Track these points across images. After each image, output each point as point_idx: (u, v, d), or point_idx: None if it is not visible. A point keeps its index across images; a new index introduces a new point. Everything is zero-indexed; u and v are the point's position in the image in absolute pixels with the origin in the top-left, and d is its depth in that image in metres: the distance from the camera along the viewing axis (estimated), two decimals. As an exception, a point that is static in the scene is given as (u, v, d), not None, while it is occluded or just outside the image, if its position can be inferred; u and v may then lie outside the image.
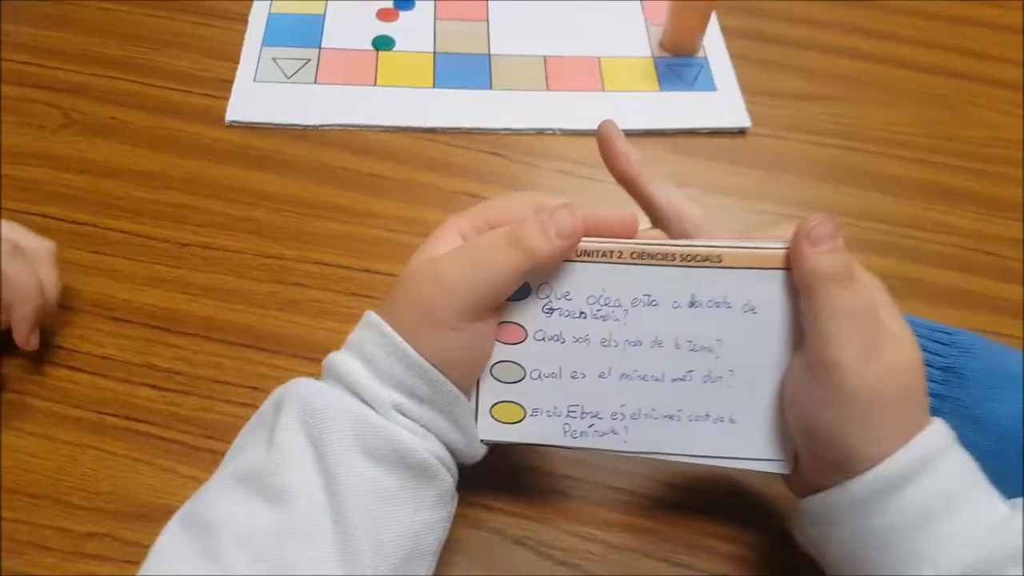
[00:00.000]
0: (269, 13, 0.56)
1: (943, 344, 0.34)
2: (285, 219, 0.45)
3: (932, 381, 0.32)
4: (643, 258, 0.29)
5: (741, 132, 0.51)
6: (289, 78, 0.52)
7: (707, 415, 0.30)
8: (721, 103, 0.53)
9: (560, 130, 0.51)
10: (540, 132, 0.51)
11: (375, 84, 0.53)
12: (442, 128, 0.51)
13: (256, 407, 0.29)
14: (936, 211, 0.48)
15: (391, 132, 0.50)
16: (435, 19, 0.57)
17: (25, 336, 0.36)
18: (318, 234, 0.45)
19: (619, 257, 0.29)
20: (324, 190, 0.47)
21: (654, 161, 0.49)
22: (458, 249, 0.29)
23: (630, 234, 0.30)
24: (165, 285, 0.42)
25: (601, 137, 0.35)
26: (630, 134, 0.51)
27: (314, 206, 0.46)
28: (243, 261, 0.43)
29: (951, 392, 0.33)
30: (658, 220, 0.34)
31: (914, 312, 0.32)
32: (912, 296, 0.44)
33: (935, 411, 0.30)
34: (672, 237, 0.33)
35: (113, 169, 0.47)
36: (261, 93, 0.51)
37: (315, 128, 0.50)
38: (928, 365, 0.30)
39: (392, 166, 0.49)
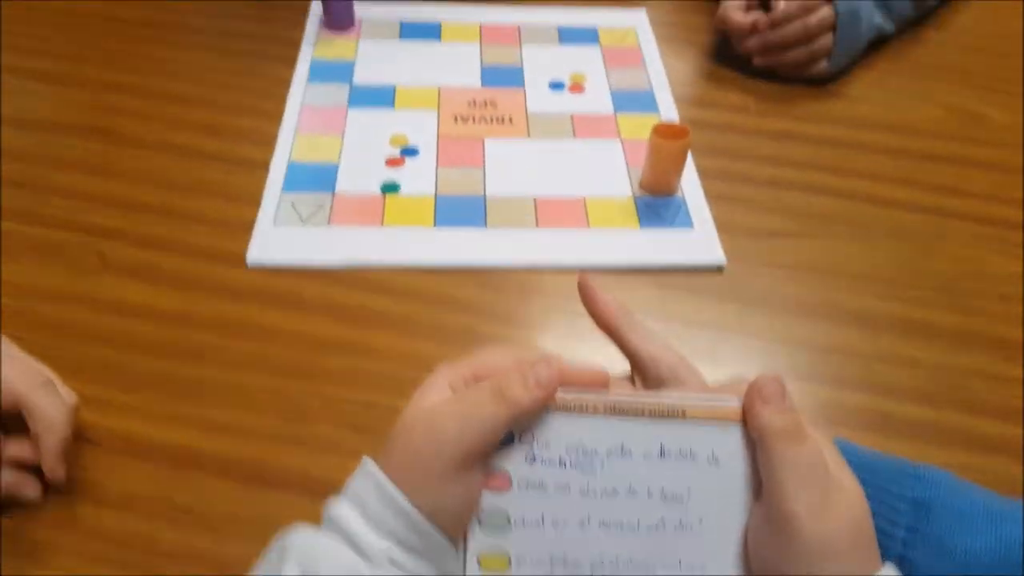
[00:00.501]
0: (289, 161, 0.63)
1: (913, 478, 0.36)
2: (297, 355, 0.50)
3: (903, 515, 0.34)
4: (615, 411, 0.32)
5: (719, 269, 0.56)
6: (305, 221, 0.58)
7: (679, 563, 0.33)
8: (698, 241, 0.57)
9: (549, 266, 0.56)
10: (530, 268, 0.56)
11: (382, 225, 0.58)
12: (441, 265, 0.56)
13: (266, 543, 0.32)
14: (909, 346, 0.51)
15: (395, 270, 0.55)
16: (437, 165, 0.63)
17: (52, 467, 0.40)
18: (326, 369, 0.49)
19: (593, 409, 0.32)
20: (333, 326, 0.51)
21: (636, 295, 0.54)
22: (448, 400, 0.32)
23: (603, 387, 0.33)
24: (185, 421, 0.46)
25: (581, 288, 0.39)
26: (613, 270, 0.56)
27: (323, 342, 0.50)
28: (257, 397, 0.47)
29: (921, 526, 0.35)
30: (635, 366, 0.38)
31: (889, 447, 0.35)
32: (886, 430, 0.46)
33: (907, 544, 0.32)
34: (648, 382, 0.37)
35: (144, 309, 0.52)
36: (279, 236, 0.57)
37: (329, 268, 0.55)
38: (899, 499, 0.32)
39: (395, 302, 0.53)
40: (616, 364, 0.36)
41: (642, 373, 0.37)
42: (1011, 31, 0.80)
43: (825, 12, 0.66)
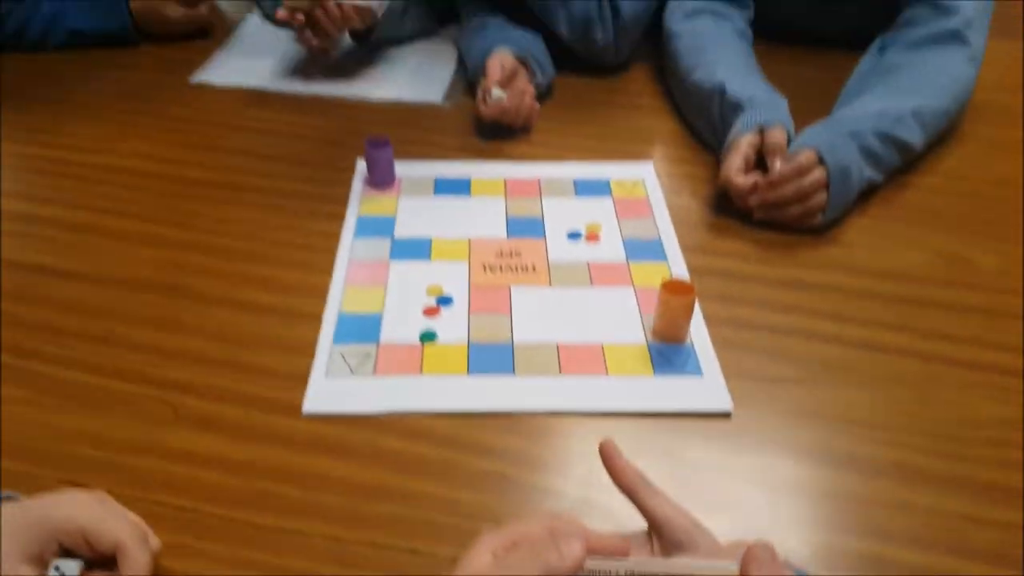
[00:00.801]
0: (339, 313, 0.70)
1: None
2: (347, 501, 0.55)
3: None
4: None
5: (727, 415, 0.61)
6: (353, 372, 0.65)
7: None
8: (707, 388, 0.63)
9: (572, 411, 0.62)
10: (555, 413, 0.62)
11: (421, 373, 0.65)
12: (474, 411, 0.62)
13: None
14: (904, 490, 0.55)
15: (433, 416, 0.61)
16: (469, 313, 0.70)
17: None
18: (372, 515, 0.54)
19: (616, 575, 0.37)
20: (379, 472, 0.57)
21: (650, 439, 0.59)
22: (489, 565, 0.38)
23: (624, 554, 0.38)
24: (249, 566, 0.51)
25: (602, 454, 0.44)
26: (629, 415, 0.61)
27: (370, 488, 0.56)
28: (311, 544, 0.52)
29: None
30: (652, 526, 0.43)
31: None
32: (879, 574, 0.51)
33: None
34: (664, 541, 0.42)
35: (211, 459, 0.58)
36: (331, 387, 0.63)
37: (374, 415, 0.61)
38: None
39: (433, 447, 0.59)
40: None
41: (658, 532, 0.43)
42: (996, 176, 0.87)
43: (818, 173, 0.74)
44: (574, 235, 0.79)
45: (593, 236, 0.79)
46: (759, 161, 0.78)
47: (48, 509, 0.46)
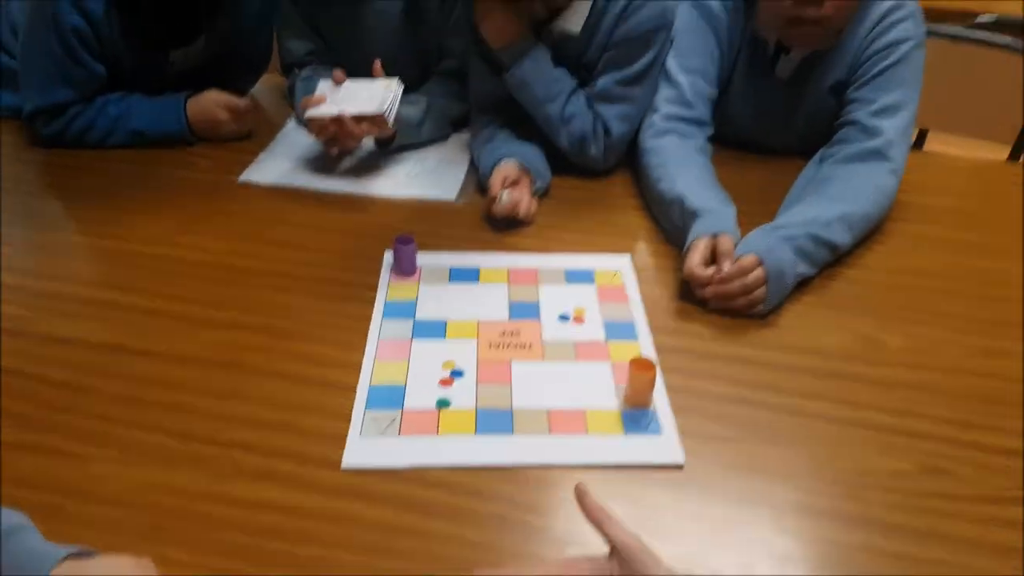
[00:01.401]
0: (370, 384, 0.86)
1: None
2: (376, 537, 0.70)
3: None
4: None
5: (679, 467, 0.77)
6: (383, 433, 0.80)
7: None
8: (664, 445, 0.79)
9: (559, 464, 0.77)
10: (546, 466, 0.77)
11: (437, 433, 0.81)
12: (480, 465, 0.77)
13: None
14: (813, 526, 0.71)
15: (447, 469, 0.77)
16: (477, 383, 0.86)
17: None
18: (397, 548, 0.68)
19: None
20: (401, 514, 0.72)
21: (619, 486, 0.74)
22: None
23: None
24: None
25: (577, 496, 0.60)
26: (604, 467, 0.77)
27: (394, 527, 0.71)
28: (347, 571, 0.67)
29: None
30: (612, 549, 0.58)
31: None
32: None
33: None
34: (621, 562, 0.58)
35: (266, 504, 0.72)
36: (365, 445, 0.79)
37: (399, 469, 0.77)
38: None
39: (447, 494, 0.74)
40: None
41: (617, 556, 0.58)
42: (912, 267, 1.04)
43: (758, 272, 0.91)
44: (564, 317, 0.96)
45: (579, 318, 0.96)
46: (713, 259, 0.96)
47: (97, 571, 0.58)
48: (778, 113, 1.22)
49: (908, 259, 1.06)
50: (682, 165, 1.10)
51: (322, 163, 1.26)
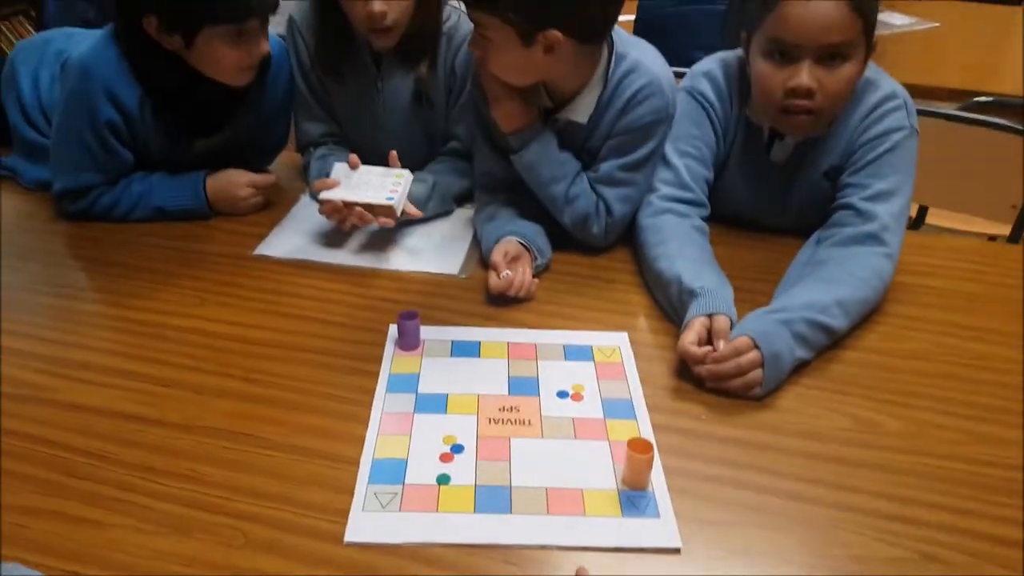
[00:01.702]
0: (373, 458, 0.88)
1: None
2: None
3: None
4: None
5: (676, 551, 0.78)
6: (384, 508, 0.82)
7: None
8: (662, 528, 0.80)
9: (557, 546, 0.78)
10: (544, 547, 0.78)
11: (437, 510, 0.82)
12: (479, 544, 0.79)
13: None
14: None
15: (447, 546, 0.78)
16: (477, 460, 0.88)
17: None
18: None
19: None
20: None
21: (617, 569, 0.75)
22: None
23: None
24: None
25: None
26: (603, 550, 0.78)
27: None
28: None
29: None
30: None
31: None
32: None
33: None
34: None
35: (273, 577, 0.75)
36: (367, 520, 0.80)
37: (399, 545, 0.78)
38: None
39: (446, 573, 0.75)
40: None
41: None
42: (908, 350, 1.06)
43: (753, 354, 0.94)
44: (562, 394, 0.98)
45: (577, 396, 0.98)
46: (710, 338, 0.98)
47: None
48: (774, 195, 1.26)
49: (904, 342, 1.08)
50: (680, 244, 1.13)
51: (332, 237, 1.30)
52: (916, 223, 1.89)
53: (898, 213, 1.13)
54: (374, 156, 1.30)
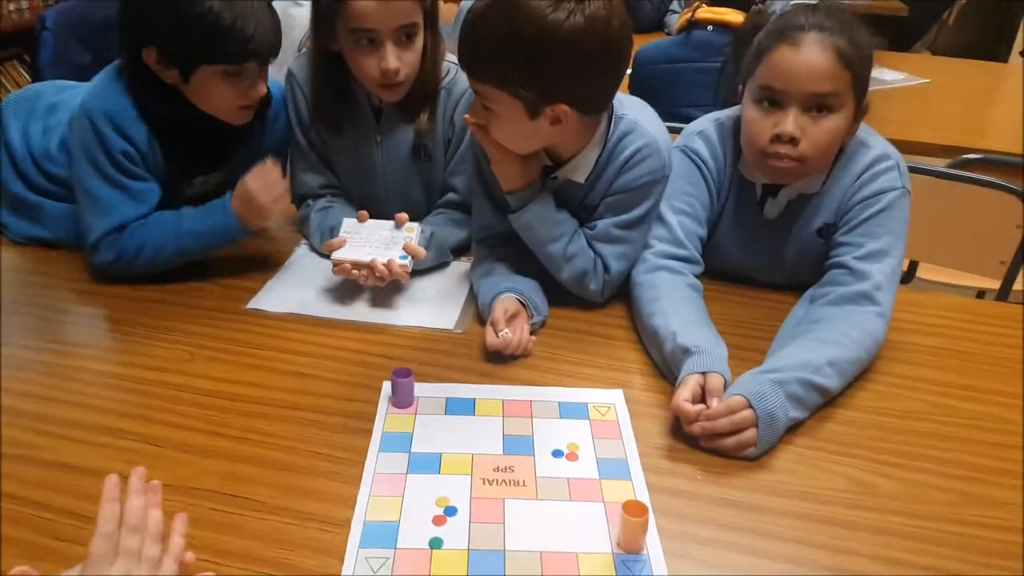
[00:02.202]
0: (364, 520, 0.87)
1: None
2: None
3: None
4: None
5: (671, 616, 0.77)
6: (375, 572, 0.80)
7: None
8: (657, 595, 0.79)
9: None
10: (537, 614, 0.77)
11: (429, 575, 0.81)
12: (472, 611, 0.77)
13: None
14: None
15: (438, 615, 0.77)
16: (470, 523, 0.87)
17: None
18: None
19: None
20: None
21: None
22: None
23: None
24: None
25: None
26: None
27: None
28: None
29: None
30: None
31: None
32: None
33: None
34: None
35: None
36: (356, 588, 0.79)
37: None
38: None
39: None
40: None
41: None
42: (902, 408, 1.06)
43: (746, 413, 0.94)
44: (557, 453, 0.97)
45: (572, 455, 0.97)
46: (703, 397, 0.98)
47: None
48: (766, 251, 1.27)
49: (899, 401, 1.07)
50: (675, 301, 1.14)
51: (326, 291, 1.31)
52: (907, 277, 1.91)
53: (891, 272, 1.14)
54: (373, 207, 1.32)
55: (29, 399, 1.04)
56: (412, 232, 1.28)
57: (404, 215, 1.29)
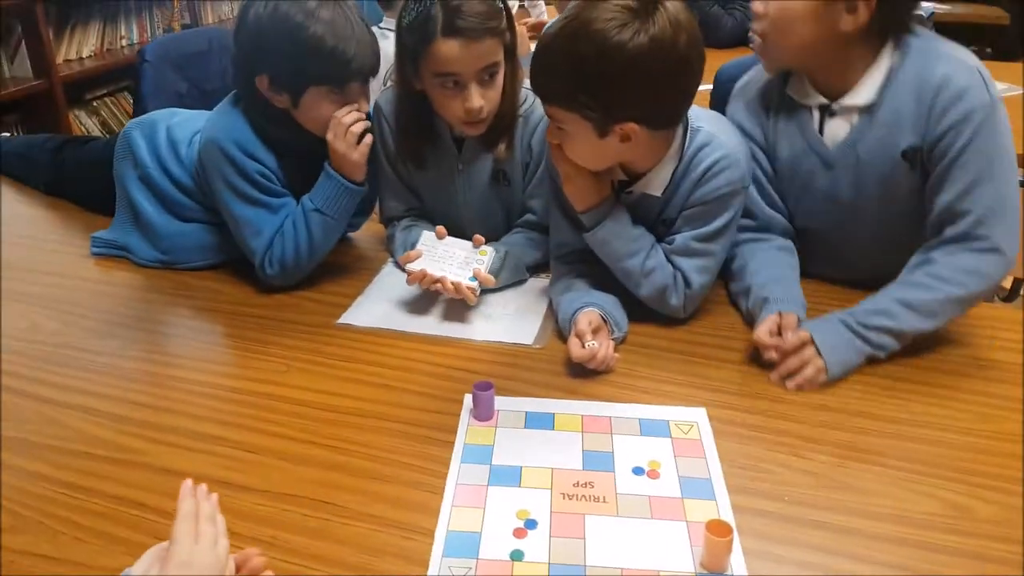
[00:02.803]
0: (447, 530, 0.89)
1: None
2: None
3: None
4: None
5: (756, 638, 0.75)
6: (458, 583, 0.83)
7: None
8: (741, 615, 0.78)
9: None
10: (618, 629, 0.77)
11: (511, 588, 0.82)
12: (553, 623, 0.78)
13: None
14: None
15: (520, 625, 0.78)
16: (550, 536, 0.88)
17: None
18: None
19: None
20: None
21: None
22: None
23: None
24: None
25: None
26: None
27: None
28: None
29: None
30: None
31: None
32: None
33: None
34: None
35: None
36: (441, 596, 0.81)
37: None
38: None
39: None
40: None
41: None
42: (999, 430, 1.01)
43: (811, 346, 1.11)
44: (638, 470, 0.97)
45: (654, 473, 0.97)
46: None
47: None
48: (843, 181, 1.23)
49: (998, 423, 1.02)
50: (761, 263, 1.26)
51: (413, 306, 1.35)
52: (1011, 295, 1.81)
53: (993, 200, 1.09)
54: (455, 229, 1.36)
55: (134, 407, 1.11)
56: (486, 256, 1.31)
57: (481, 238, 1.32)
